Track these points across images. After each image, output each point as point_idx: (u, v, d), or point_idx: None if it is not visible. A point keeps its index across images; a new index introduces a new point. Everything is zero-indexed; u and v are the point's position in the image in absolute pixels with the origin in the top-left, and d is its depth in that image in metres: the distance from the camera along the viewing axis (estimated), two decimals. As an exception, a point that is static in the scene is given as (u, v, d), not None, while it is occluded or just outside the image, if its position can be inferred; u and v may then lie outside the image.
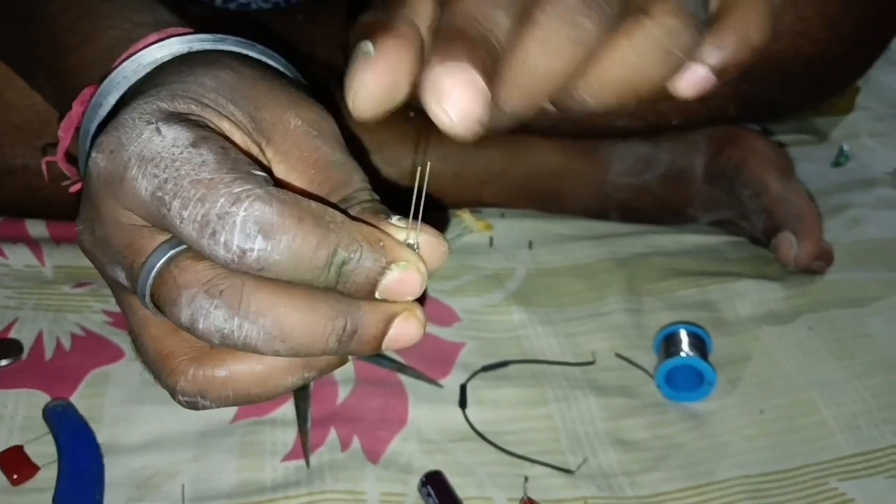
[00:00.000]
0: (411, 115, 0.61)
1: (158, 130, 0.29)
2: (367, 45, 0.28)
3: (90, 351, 0.53)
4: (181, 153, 0.29)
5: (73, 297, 0.57)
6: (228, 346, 0.29)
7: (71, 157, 0.41)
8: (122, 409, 0.50)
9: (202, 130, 0.30)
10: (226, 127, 0.32)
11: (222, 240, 0.27)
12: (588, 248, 0.66)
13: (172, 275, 0.29)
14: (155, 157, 0.29)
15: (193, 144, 0.29)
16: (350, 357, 0.33)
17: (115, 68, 0.36)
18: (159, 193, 0.28)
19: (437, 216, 0.28)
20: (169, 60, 0.36)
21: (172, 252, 0.30)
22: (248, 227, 0.27)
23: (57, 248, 0.60)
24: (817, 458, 0.51)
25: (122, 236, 0.31)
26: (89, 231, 0.32)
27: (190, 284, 0.29)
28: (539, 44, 0.27)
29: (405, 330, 0.30)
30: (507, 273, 0.63)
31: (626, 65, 0.28)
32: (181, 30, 0.38)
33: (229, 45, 0.37)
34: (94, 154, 0.30)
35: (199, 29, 0.38)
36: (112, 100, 0.36)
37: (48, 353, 0.53)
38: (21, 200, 0.60)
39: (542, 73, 0.27)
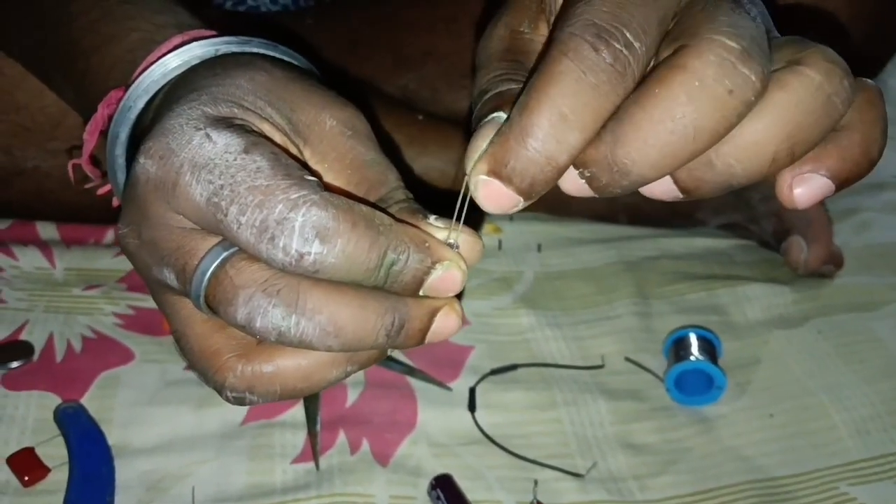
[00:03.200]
0: (420, 119, 0.61)
1: (208, 136, 0.30)
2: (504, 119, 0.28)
3: (101, 353, 0.54)
4: (235, 160, 0.29)
5: (84, 300, 0.57)
6: (283, 342, 0.30)
7: (95, 160, 0.41)
8: (132, 411, 0.51)
9: (251, 136, 0.30)
10: (266, 129, 0.32)
11: (281, 244, 0.28)
12: (597, 252, 0.66)
13: (229, 275, 0.30)
14: (208, 164, 0.29)
15: (246, 150, 0.29)
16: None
17: (141, 72, 0.37)
18: (215, 199, 0.29)
19: (474, 216, 0.29)
20: (199, 63, 0.36)
21: (226, 254, 0.30)
22: (307, 231, 0.28)
23: (67, 250, 0.60)
24: (827, 463, 0.51)
25: (171, 239, 0.31)
26: (135, 234, 0.32)
27: (247, 284, 0.29)
28: (687, 92, 0.24)
29: (446, 323, 0.31)
30: (516, 276, 0.63)
31: (786, 119, 0.25)
32: (205, 32, 0.38)
33: (254, 46, 0.37)
34: (142, 160, 0.30)
35: (220, 31, 0.38)
36: (141, 104, 0.37)
37: (59, 355, 0.53)
38: (31, 202, 0.60)
39: (686, 128, 0.24)
